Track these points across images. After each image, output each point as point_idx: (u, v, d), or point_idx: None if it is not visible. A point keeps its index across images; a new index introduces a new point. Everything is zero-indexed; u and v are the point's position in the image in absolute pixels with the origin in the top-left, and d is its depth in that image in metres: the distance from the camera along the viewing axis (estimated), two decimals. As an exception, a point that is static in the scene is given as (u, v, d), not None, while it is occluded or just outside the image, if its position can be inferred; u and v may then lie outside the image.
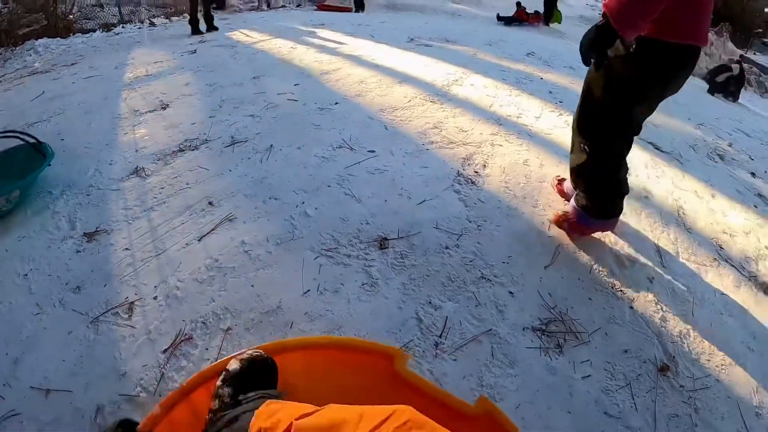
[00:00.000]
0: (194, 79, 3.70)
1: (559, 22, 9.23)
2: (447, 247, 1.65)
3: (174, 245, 1.66)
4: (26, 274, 1.58)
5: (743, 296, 1.71)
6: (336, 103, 2.99)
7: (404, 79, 3.70)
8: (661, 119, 4.02)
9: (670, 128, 3.74)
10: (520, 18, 10.82)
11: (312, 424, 0.66)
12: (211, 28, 6.06)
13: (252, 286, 1.45)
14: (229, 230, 1.72)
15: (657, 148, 2.93)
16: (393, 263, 1.57)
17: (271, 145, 2.37)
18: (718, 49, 11.49)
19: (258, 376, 0.93)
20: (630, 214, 2.02)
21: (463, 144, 2.46)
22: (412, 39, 5.87)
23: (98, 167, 2.27)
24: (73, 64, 4.77)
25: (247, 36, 5.87)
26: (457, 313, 1.42)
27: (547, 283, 1.57)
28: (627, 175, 1.66)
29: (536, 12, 11.56)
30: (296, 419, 0.67)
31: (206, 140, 2.48)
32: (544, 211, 1.95)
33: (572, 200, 1.74)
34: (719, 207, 2.33)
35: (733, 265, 1.87)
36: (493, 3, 12.41)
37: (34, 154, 2.12)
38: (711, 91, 7.12)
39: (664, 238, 1.91)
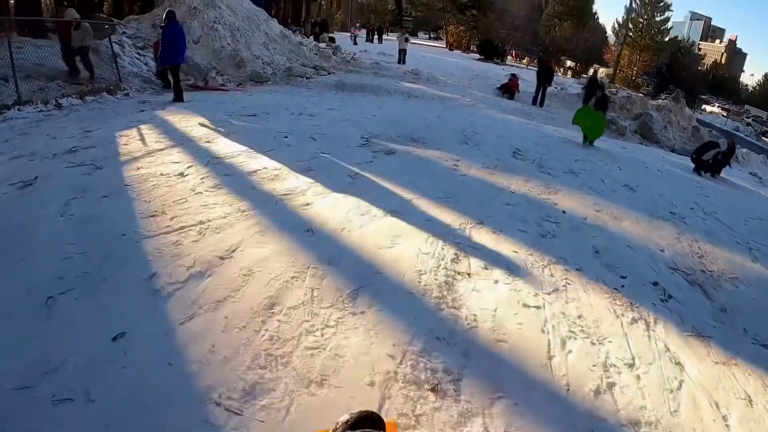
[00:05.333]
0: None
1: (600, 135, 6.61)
2: None
3: None
4: None
5: None
6: None
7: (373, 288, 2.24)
8: (721, 255, 2.82)
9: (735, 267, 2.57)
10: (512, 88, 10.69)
11: None
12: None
13: None
14: None
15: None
16: None
17: None
18: (677, 115, 11.31)
19: (366, 427, 0.99)
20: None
21: None
22: (367, 140, 4.56)
23: None
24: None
25: (139, 141, 4.03)
26: None
27: None
28: None
29: (513, 75, 11.60)
30: None
31: None
32: None
33: None
34: None
35: None
36: (447, 81, 11.72)
37: None
38: (697, 170, 6.38)
39: None
